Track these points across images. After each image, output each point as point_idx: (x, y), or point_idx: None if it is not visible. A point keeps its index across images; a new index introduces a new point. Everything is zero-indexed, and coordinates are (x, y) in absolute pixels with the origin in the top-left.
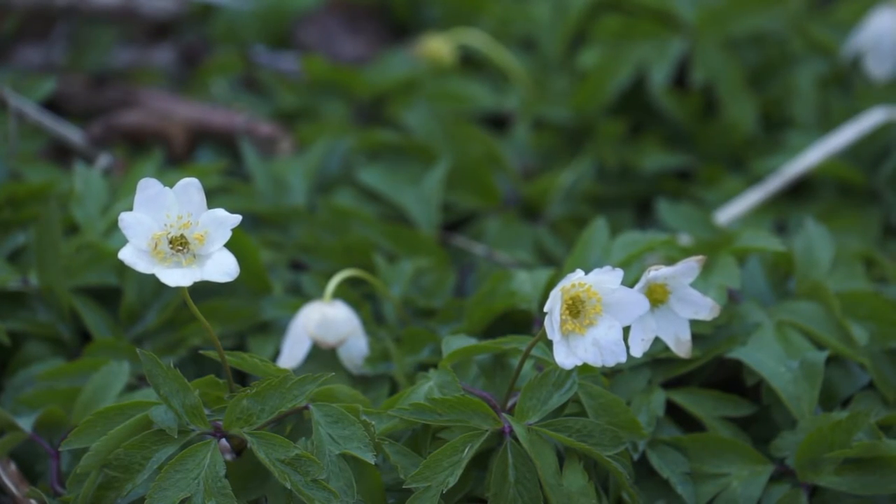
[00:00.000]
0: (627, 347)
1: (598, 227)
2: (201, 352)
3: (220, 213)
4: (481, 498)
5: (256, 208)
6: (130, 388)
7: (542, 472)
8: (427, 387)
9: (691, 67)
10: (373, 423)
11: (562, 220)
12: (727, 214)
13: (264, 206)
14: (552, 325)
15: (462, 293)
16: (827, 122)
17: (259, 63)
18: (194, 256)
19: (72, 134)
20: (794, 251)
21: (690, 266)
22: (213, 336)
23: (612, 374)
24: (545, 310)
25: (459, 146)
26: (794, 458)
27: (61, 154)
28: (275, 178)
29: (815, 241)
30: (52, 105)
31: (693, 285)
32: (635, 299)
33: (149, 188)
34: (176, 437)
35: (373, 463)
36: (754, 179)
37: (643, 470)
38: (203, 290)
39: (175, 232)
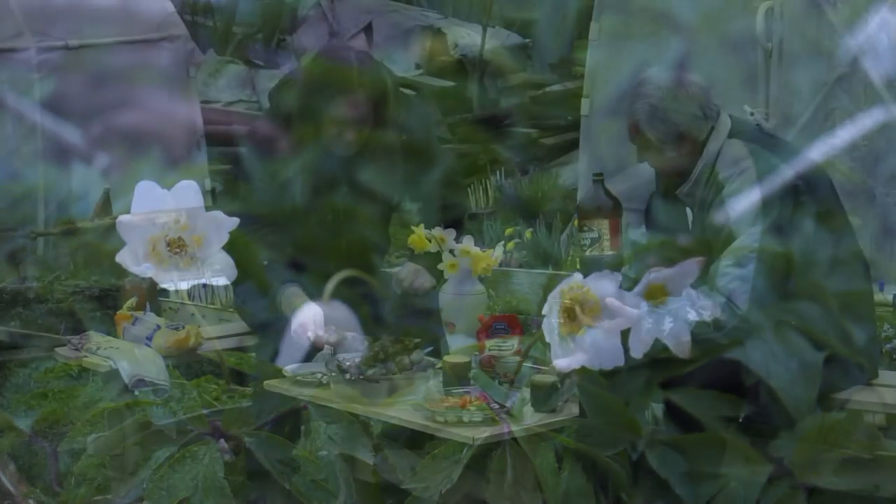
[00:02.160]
0: (626, 349)
1: None
2: (200, 352)
3: (218, 215)
4: (480, 498)
5: (255, 208)
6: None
7: (541, 472)
8: (426, 387)
9: (690, 68)
10: (371, 423)
11: (561, 220)
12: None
13: (263, 207)
14: (549, 328)
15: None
16: (826, 123)
17: (258, 63)
18: (192, 258)
19: (71, 134)
20: (794, 251)
21: (690, 267)
22: (213, 336)
23: (611, 375)
24: (543, 313)
25: (458, 146)
26: (793, 458)
27: (60, 154)
28: (274, 179)
29: (814, 241)
30: (51, 105)
31: (692, 286)
32: (632, 303)
33: (146, 191)
34: (175, 437)
35: (371, 463)
36: None
37: (642, 470)
38: None
39: (173, 234)
